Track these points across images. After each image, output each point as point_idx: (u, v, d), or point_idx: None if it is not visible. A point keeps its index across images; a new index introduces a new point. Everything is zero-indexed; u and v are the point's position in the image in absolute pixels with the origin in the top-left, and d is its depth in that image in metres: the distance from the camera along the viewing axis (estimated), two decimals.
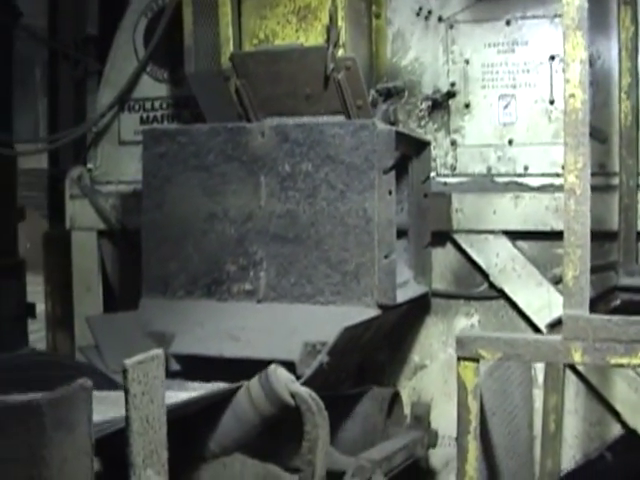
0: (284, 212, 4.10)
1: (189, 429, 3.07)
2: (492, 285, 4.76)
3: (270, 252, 4.11)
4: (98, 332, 3.96)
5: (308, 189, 4.07)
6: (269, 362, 3.68)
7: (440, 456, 4.86)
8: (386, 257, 3.95)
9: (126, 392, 2.22)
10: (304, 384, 3.33)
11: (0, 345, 6.62)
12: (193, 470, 3.12)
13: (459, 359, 3.19)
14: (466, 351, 3.15)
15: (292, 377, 3.11)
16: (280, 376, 3.06)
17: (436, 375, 4.93)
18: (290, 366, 3.68)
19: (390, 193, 3.96)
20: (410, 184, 4.61)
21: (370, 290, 3.95)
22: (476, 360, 3.16)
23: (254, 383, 3.11)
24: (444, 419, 4.76)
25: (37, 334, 10.33)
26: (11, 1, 7.21)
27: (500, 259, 4.69)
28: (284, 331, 3.92)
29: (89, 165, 5.63)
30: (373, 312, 3.93)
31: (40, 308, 10.89)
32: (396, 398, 4.59)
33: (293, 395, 3.02)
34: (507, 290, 4.72)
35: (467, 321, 4.86)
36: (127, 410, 2.22)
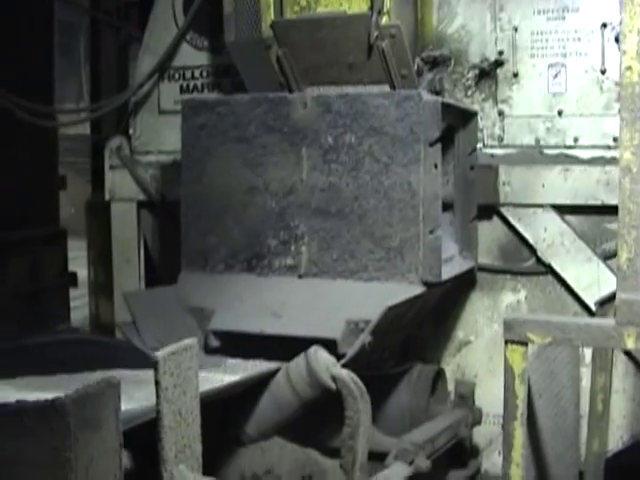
0: (326, 185, 3.99)
1: (225, 412, 2.98)
2: (540, 260, 4.63)
3: (312, 226, 4.01)
4: (136, 308, 3.89)
5: (351, 162, 3.95)
6: (310, 340, 3.62)
7: (484, 434, 4.76)
8: (431, 232, 3.83)
9: (157, 385, 2.12)
10: (346, 365, 3.24)
11: (43, 314, 6.66)
12: (230, 455, 3.04)
13: (507, 342, 3.07)
14: (514, 334, 3.03)
15: (333, 359, 3.01)
16: (321, 358, 2.96)
17: (481, 352, 4.82)
18: (332, 344, 3.61)
19: (436, 167, 3.84)
20: (456, 156, 4.47)
21: (415, 266, 3.84)
22: (524, 344, 3.04)
23: (294, 365, 3.01)
24: (488, 396, 4.67)
25: (80, 300, 10.39)
26: None
27: (548, 234, 4.56)
28: (326, 308, 3.83)
29: (131, 133, 5.54)
30: (417, 289, 3.82)
31: (83, 275, 10.97)
32: (440, 375, 4.50)
33: (334, 378, 2.92)
34: (555, 266, 4.58)
35: (513, 297, 4.73)
36: (158, 404, 2.12)
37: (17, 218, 6.41)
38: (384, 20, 4.14)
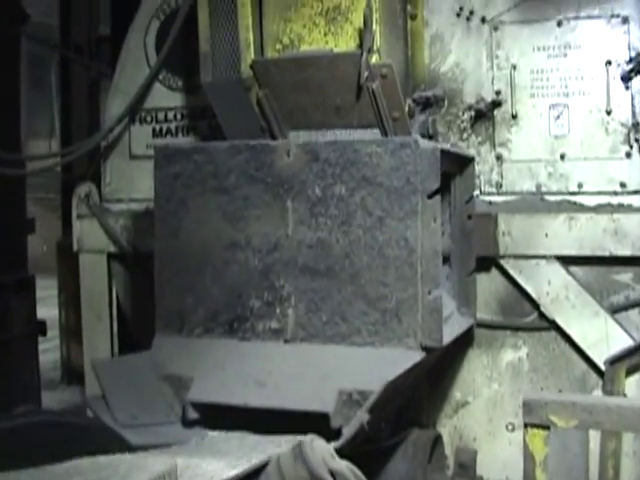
0: (315, 241, 3.65)
1: None
2: (542, 315, 4.34)
3: (299, 286, 3.67)
4: (106, 380, 3.52)
5: (342, 215, 3.62)
6: (300, 414, 3.29)
7: None
8: (431, 293, 3.49)
9: None
10: (341, 449, 2.88)
11: (11, 364, 6.31)
12: None
13: (526, 426, 2.72)
14: (535, 417, 2.68)
15: (331, 450, 2.64)
16: (317, 450, 2.59)
17: (480, 413, 4.49)
18: (323, 419, 3.26)
19: (435, 220, 3.51)
20: (452, 204, 4.18)
21: (413, 330, 3.50)
22: (546, 427, 2.69)
23: (286, 459, 2.64)
24: (488, 461, 4.39)
25: (52, 342, 10.00)
26: (16, 3, 6.76)
27: (552, 287, 4.26)
28: (315, 377, 3.48)
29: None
30: (417, 356, 3.48)
31: (55, 315, 10.60)
32: (437, 440, 4.17)
33: (333, 474, 2.55)
34: (559, 321, 4.29)
35: (514, 354, 4.42)
36: None
37: None
38: (374, 59, 3.85)
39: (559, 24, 4.27)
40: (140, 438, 3.26)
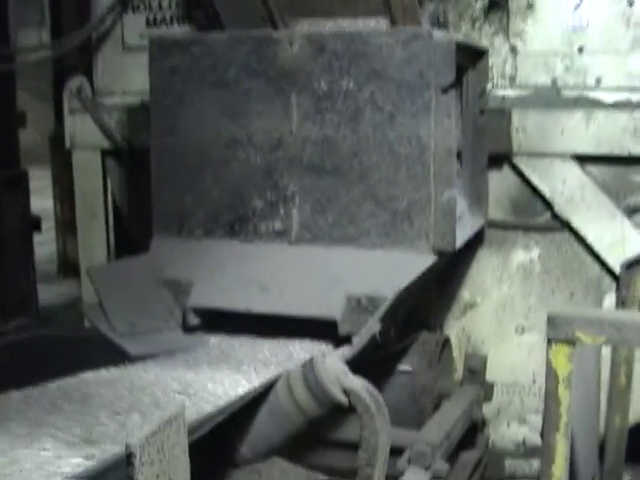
0: (320, 138, 3.45)
1: (214, 427, 2.46)
2: (556, 215, 4.17)
3: (304, 186, 3.48)
4: (102, 287, 3.36)
5: (349, 111, 3.40)
6: (305, 320, 3.14)
7: (491, 405, 4.30)
8: (444, 193, 3.31)
9: None
10: (352, 361, 2.74)
11: (5, 262, 6.19)
12: (220, 478, 2.54)
13: (550, 341, 2.55)
14: (560, 332, 2.51)
15: (344, 367, 2.49)
16: (330, 367, 2.44)
17: (489, 315, 4.36)
18: (330, 325, 3.12)
19: (449, 117, 3.30)
20: (464, 99, 3.95)
21: (425, 233, 3.33)
22: (572, 343, 2.53)
23: (296, 377, 2.49)
24: (497, 364, 4.27)
25: (48, 234, 9.86)
26: None
27: (567, 186, 4.08)
28: (322, 281, 3.32)
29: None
30: (428, 259, 3.32)
31: (50, 206, 10.46)
32: (445, 344, 4.05)
33: (346, 391, 2.40)
34: (574, 222, 4.12)
35: (525, 255, 4.26)
36: None
37: None
38: None
39: None
40: (139, 347, 3.12)
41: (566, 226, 4.15)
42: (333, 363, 2.47)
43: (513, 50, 4.12)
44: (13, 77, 6.74)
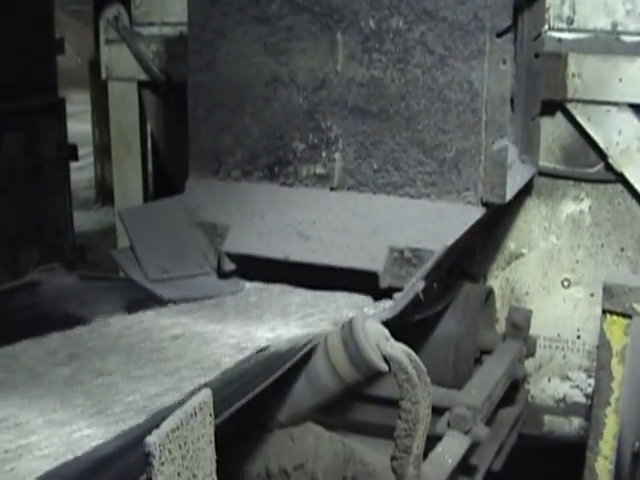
0: (367, 80, 3.27)
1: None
2: (609, 167, 3.96)
3: (348, 129, 3.32)
4: (134, 230, 3.23)
5: (398, 52, 3.22)
6: (345, 271, 3.03)
7: (532, 359, 4.17)
8: (495, 143, 3.14)
9: None
10: (390, 322, 2.61)
11: (42, 191, 6.14)
12: (252, 442, 2.43)
13: (605, 312, 2.41)
14: (616, 304, 2.36)
15: (385, 332, 2.35)
16: (370, 332, 2.30)
17: (534, 266, 4.19)
18: (371, 277, 2.99)
19: (505, 62, 3.12)
20: (518, 41, 3.72)
21: (474, 183, 3.17)
22: (628, 316, 2.38)
23: (334, 340, 2.36)
24: (540, 317, 4.14)
25: (87, 159, 9.80)
26: None
27: (623, 137, 3.87)
28: (364, 230, 3.18)
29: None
30: (477, 212, 3.17)
31: (89, 131, 10.39)
32: (489, 295, 3.91)
33: (387, 358, 2.27)
34: (628, 174, 3.91)
35: (575, 206, 4.07)
36: None
37: (10, 88, 5.78)
38: None
39: None
40: (173, 293, 3.01)
41: (620, 178, 3.95)
42: (373, 327, 2.33)
43: None
44: (52, 2, 6.61)
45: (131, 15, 4.75)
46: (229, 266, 3.28)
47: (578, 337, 4.13)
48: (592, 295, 4.02)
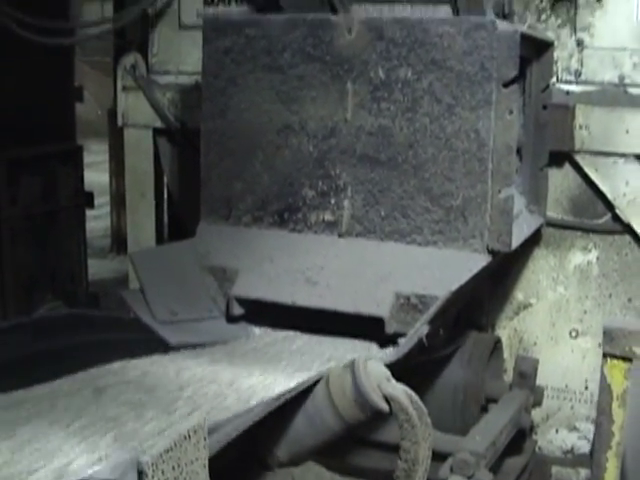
0: (375, 128, 3.33)
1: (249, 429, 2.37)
2: (617, 217, 4.01)
3: (357, 176, 3.37)
4: (144, 272, 3.28)
5: (406, 101, 3.28)
6: (351, 316, 3.06)
7: (540, 409, 4.17)
8: (501, 191, 3.18)
9: None
10: (395, 365, 2.63)
11: (57, 236, 6.19)
12: None
13: (605, 356, 2.43)
14: (616, 347, 2.39)
15: (387, 372, 2.38)
16: (371, 372, 2.33)
17: (542, 316, 4.23)
18: (378, 323, 3.01)
19: (511, 112, 3.16)
20: (527, 93, 3.82)
21: (480, 231, 3.20)
22: (628, 360, 2.39)
23: (336, 378, 2.39)
24: (548, 367, 4.15)
25: (104, 208, 9.87)
26: None
27: (630, 188, 3.92)
28: (371, 276, 3.21)
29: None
30: (482, 259, 3.19)
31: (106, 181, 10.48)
32: (496, 345, 3.93)
33: (387, 398, 2.30)
34: (635, 225, 3.97)
35: (583, 257, 4.11)
36: None
37: (30, 134, 5.89)
38: None
39: None
40: (180, 336, 3.04)
41: (627, 229, 3.99)
42: (375, 367, 2.36)
43: (580, 44, 3.96)
44: (72, 51, 6.72)
45: (148, 64, 4.85)
46: (238, 310, 3.32)
47: (586, 388, 4.14)
48: (600, 345, 4.02)
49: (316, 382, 2.48)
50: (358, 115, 3.35)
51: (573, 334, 4.14)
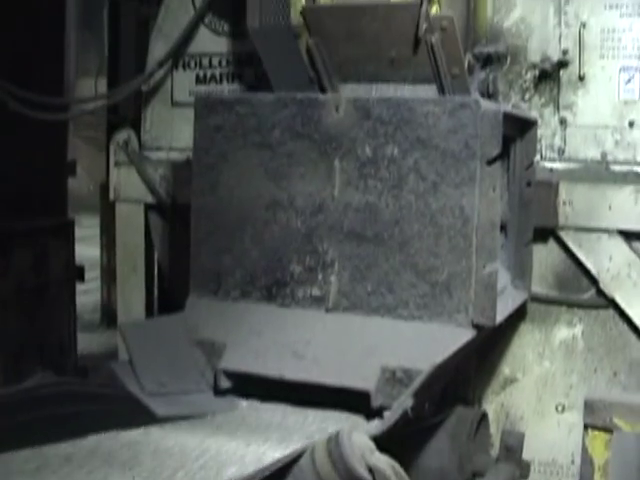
0: (362, 205, 3.40)
1: None
2: (601, 292, 4.06)
3: (344, 252, 3.43)
4: (133, 344, 3.32)
5: (392, 178, 3.35)
6: (338, 390, 3.08)
7: None
8: (486, 267, 3.24)
9: None
10: (381, 438, 2.66)
11: (47, 310, 6.22)
12: None
13: (587, 427, 2.46)
14: (597, 419, 2.43)
15: (371, 444, 2.41)
16: (355, 444, 2.36)
17: (529, 391, 4.25)
18: (363, 397, 3.04)
19: (494, 189, 3.24)
20: (511, 170, 3.90)
21: (464, 306, 3.25)
22: (609, 431, 2.43)
23: (321, 451, 2.42)
24: (535, 441, 4.14)
25: (94, 283, 9.91)
26: None
27: (613, 263, 3.98)
28: (358, 351, 3.25)
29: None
30: (467, 334, 3.24)
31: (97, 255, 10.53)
32: (482, 419, 3.94)
33: (372, 470, 2.32)
34: (619, 299, 4.01)
35: (568, 331, 4.16)
36: None
37: (22, 207, 5.94)
38: (434, 10, 3.59)
39: None
40: (167, 408, 3.07)
41: (611, 303, 4.04)
42: (359, 439, 2.39)
43: (563, 122, 4.06)
44: (66, 126, 6.82)
45: (140, 140, 4.93)
46: (225, 383, 3.34)
47: (572, 462, 4.14)
48: None
49: (301, 454, 2.50)
50: (345, 192, 3.43)
51: (559, 408, 4.17)
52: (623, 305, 4.00)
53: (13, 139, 5.76)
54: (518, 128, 3.86)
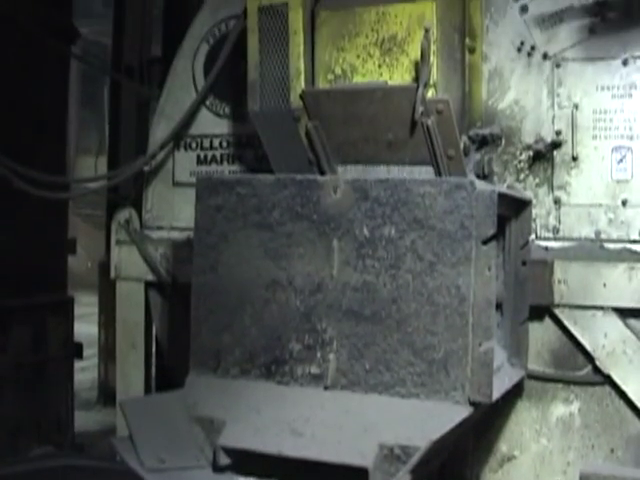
0: (360, 284, 3.47)
1: None
2: (597, 369, 4.08)
3: (342, 331, 3.48)
4: (134, 420, 3.35)
5: (390, 258, 3.43)
6: (336, 467, 3.09)
7: None
8: (482, 345, 3.29)
9: None
10: None
11: (46, 386, 6.26)
12: None
13: None
14: None
15: None
16: None
17: (526, 469, 4.25)
18: (362, 473, 3.07)
19: (489, 269, 3.31)
20: (506, 249, 3.96)
21: (461, 384, 3.30)
22: None
23: None
24: None
25: (91, 360, 9.92)
26: (67, 22, 6.70)
27: (609, 340, 4.02)
28: (356, 428, 3.29)
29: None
30: (464, 411, 3.28)
31: (96, 333, 10.55)
32: None
33: None
34: (615, 376, 4.04)
35: (565, 408, 4.18)
36: None
37: (22, 283, 6.00)
38: (430, 93, 3.68)
39: (625, 63, 4.04)
40: None
41: (607, 380, 4.07)
42: None
43: (557, 202, 4.13)
44: (66, 205, 6.92)
45: (142, 219, 5.01)
46: (224, 460, 3.37)
47: None
48: None
49: None
50: (344, 271, 3.49)
51: None
52: (619, 382, 4.02)
53: (14, 216, 5.84)
54: (513, 208, 3.93)
